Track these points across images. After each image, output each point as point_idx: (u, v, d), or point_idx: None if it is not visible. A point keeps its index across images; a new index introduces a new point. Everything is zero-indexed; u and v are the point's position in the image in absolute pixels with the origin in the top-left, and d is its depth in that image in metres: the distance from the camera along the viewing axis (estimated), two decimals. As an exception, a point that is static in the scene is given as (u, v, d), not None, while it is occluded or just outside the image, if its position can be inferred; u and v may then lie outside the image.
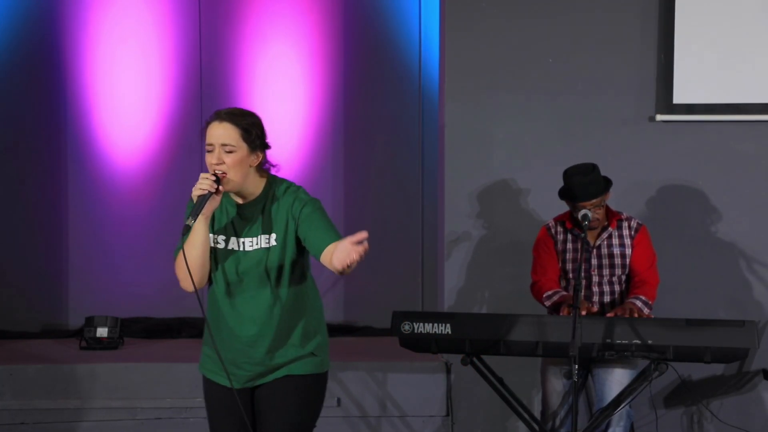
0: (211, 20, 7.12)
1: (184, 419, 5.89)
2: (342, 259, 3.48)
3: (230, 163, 3.74)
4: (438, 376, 5.98)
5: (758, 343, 4.93)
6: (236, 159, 3.75)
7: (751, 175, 6.11)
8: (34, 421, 5.84)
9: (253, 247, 3.82)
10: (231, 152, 3.74)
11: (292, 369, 3.86)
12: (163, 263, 7.13)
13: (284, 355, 3.86)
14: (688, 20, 6.01)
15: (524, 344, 4.98)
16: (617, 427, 5.18)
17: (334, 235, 3.73)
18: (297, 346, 3.86)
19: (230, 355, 3.90)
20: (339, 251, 3.51)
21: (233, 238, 3.84)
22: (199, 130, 7.18)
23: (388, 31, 7.10)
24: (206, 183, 3.70)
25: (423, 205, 7.09)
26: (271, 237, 3.81)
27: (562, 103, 6.09)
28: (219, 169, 3.74)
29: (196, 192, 3.71)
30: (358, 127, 7.15)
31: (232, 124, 3.76)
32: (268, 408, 3.88)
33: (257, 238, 3.82)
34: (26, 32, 7.02)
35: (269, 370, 3.87)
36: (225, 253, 3.84)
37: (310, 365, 3.88)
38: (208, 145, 3.78)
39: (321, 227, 3.75)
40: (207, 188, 3.70)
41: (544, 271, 5.34)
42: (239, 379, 3.91)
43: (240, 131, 3.75)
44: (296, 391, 3.86)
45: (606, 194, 5.25)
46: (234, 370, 3.89)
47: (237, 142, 3.75)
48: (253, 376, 3.90)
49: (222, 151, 3.75)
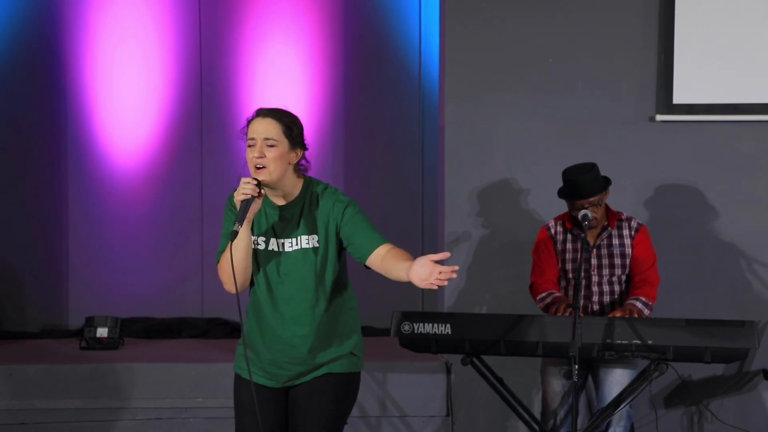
0: (211, 20, 7.12)
1: (184, 419, 5.89)
2: (424, 280, 3.51)
3: (271, 157, 3.79)
4: (438, 376, 5.98)
5: (758, 343, 4.93)
6: (278, 153, 3.80)
7: (751, 175, 6.11)
8: (34, 421, 5.84)
9: (293, 248, 3.87)
10: (273, 146, 3.80)
11: (332, 368, 3.92)
12: (163, 263, 7.16)
13: (325, 355, 3.91)
14: (688, 20, 6.01)
15: (524, 344, 4.99)
16: (617, 427, 5.18)
17: (380, 238, 3.81)
18: (337, 345, 3.92)
19: (271, 356, 3.93)
20: (420, 268, 3.54)
21: (273, 239, 3.88)
22: (199, 130, 7.25)
23: (388, 31, 7.10)
24: (249, 187, 3.75)
25: (423, 205, 7.09)
26: (311, 238, 3.86)
27: (562, 103, 6.09)
28: (260, 163, 3.78)
29: (239, 197, 3.76)
30: (358, 127, 7.16)
31: (275, 120, 3.83)
32: (306, 404, 3.91)
33: (297, 239, 3.87)
34: (26, 32, 7.02)
35: (310, 370, 3.92)
36: (266, 255, 3.89)
37: (348, 364, 3.95)
38: (250, 139, 3.82)
39: (366, 229, 3.83)
40: (250, 192, 3.75)
41: (542, 272, 5.34)
42: (279, 378, 3.95)
43: (282, 126, 3.82)
44: (335, 388, 3.91)
45: (605, 193, 5.25)
46: (275, 370, 3.93)
47: (279, 137, 3.81)
48: (293, 375, 3.94)
49: (264, 145, 3.80)
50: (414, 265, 3.57)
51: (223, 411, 5.87)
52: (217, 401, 5.89)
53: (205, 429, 5.92)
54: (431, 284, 3.52)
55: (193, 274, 7.17)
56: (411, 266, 3.58)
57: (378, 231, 3.84)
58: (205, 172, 7.15)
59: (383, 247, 3.77)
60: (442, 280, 3.50)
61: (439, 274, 3.50)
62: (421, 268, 3.53)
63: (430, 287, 3.53)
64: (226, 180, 7.12)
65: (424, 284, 3.53)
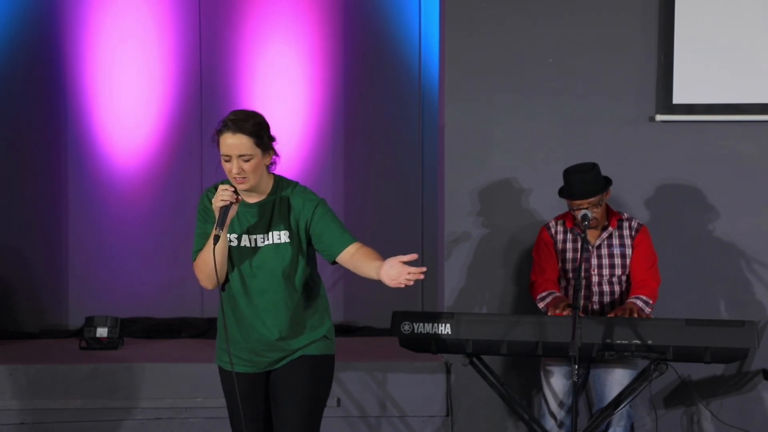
0: (211, 20, 7.12)
1: (184, 419, 5.89)
2: (394, 279, 3.81)
3: (249, 170, 4.02)
4: (438, 376, 5.98)
5: (758, 343, 4.93)
6: (254, 165, 4.02)
7: (751, 175, 6.11)
8: (34, 421, 5.84)
9: (264, 243, 4.09)
10: (248, 160, 4.01)
11: (306, 351, 4.16)
12: (163, 263, 7.16)
13: (300, 341, 4.16)
14: (688, 20, 6.01)
15: (524, 344, 4.99)
16: (617, 427, 5.18)
17: (349, 237, 4.08)
18: (310, 331, 4.17)
19: (250, 345, 4.17)
20: (390, 268, 3.82)
21: (245, 235, 4.12)
22: (199, 130, 7.24)
23: (388, 31, 7.10)
24: (227, 194, 3.99)
25: (423, 205, 7.09)
26: (283, 234, 4.10)
27: (562, 103, 6.09)
28: (239, 177, 4.00)
29: (219, 203, 3.99)
30: (358, 127, 7.15)
31: (245, 135, 4.01)
32: (285, 384, 4.16)
33: (269, 235, 4.09)
34: (26, 32, 7.01)
35: (286, 354, 4.16)
36: (239, 251, 4.12)
37: (322, 347, 4.19)
38: (225, 155, 4.02)
39: (336, 229, 4.08)
40: (229, 199, 3.99)
41: (542, 272, 5.34)
42: (259, 365, 4.20)
43: (253, 139, 4.01)
44: (310, 369, 4.15)
45: (605, 193, 5.25)
46: (254, 358, 4.18)
47: (252, 150, 4.01)
48: (272, 361, 4.18)
49: (240, 161, 4.01)
50: (384, 266, 3.85)
51: (223, 411, 5.84)
52: (217, 401, 5.86)
53: (205, 429, 5.91)
54: (400, 283, 3.80)
55: (193, 275, 7.12)
56: (381, 266, 3.86)
57: (347, 230, 4.11)
58: (205, 172, 7.15)
59: (353, 246, 4.05)
60: (409, 280, 3.78)
61: (407, 275, 3.78)
62: (391, 268, 3.82)
63: (398, 286, 3.81)
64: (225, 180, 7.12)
65: (393, 283, 3.81)
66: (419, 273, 3.77)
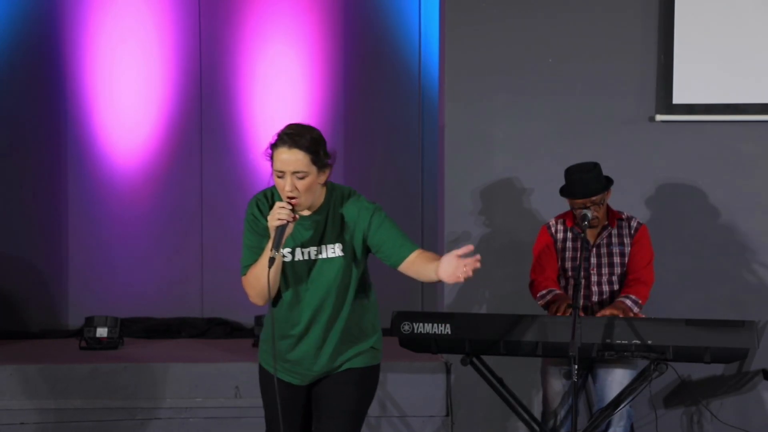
0: (211, 20, 7.12)
1: (184, 419, 5.89)
2: (451, 275, 3.66)
3: (303, 188, 3.81)
4: (438, 376, 5.98)
5: (758, 343, 4.93)
6: (308, 183, 3.81)
7: (751, 175, 6.11)
8: (34, 421, 5.84)
9: (318, 257, 3.93)
10: (303, 178, 3.80)
11: (353, 363, 4.02)
12: (163, 263, 7.16)
13: (348, 354, 4.02)
14: (688, 20, 6.01)
15: (524, 344, 4.98)
16: (617, 427, 5.18)
17: (410, 245, 3.89)
18: (360, 341, 4.03)
19: (296, 358, 4.02)
20: (447, 265, 3.68)
21: (299, 249, 3.93)
22: (199, 130, 7.24)
23: (388, 31, 7.10)
24: (285, 213, 3.77)
25: (423, 205, 7.09)
26: (336, 247, 3.93)
27: (562, 103, 6.09)
28: (293, 196, 3.80)
29: (275, 223, 3.78)
30: (358, 127, 7.15)
31: (302, 150, 3.78)
32: (329, 398, 4.01)
33: (323, 248, 3.93)
34: (26, 32, 7.02)
35: (334, 369, 4.02)
36: (292, 265, 3.94)
37: (369, 358, 4.06)
38: (279, 171, 3.81)
39: (395, 237, 3.90)
40: (285, 218, 3.77)
41: (542, 270, 5.34)
42: (305, 378, 4.05)
43: (309, 156, 3.79)
44: (355, 383, 4.02)
45: (606, 193, 5.25)
46: (301, 371, 4.04)
47: (307, 167, 3.80)
48: (319, 375, 4.04)
49: (294, 178, 3.79)
50: (441, 264, 3.70)
51: (223, 411, 5.88)
52: (216, 401, 5.89)
53: (204, 429, 5.92)
54: (458, 277, 3.65)
55: (193, 274, 7.17)
56: (438, 265, 3.71)
57: (406, 236, 3.92)
58: (205, 172, 7.15)
59: (414, 254, 3.87)
60: (467, 271, 3.63)
61: (464, 267, 3.63)
62: (448, 265, 3.67)
63: (457, 281, 3.65)
64: (226, 180, 7.13)
65: (452, 279, 3.66)
66: (475, 262, 3.63)
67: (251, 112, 7.12)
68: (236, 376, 5.90)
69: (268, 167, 3.89)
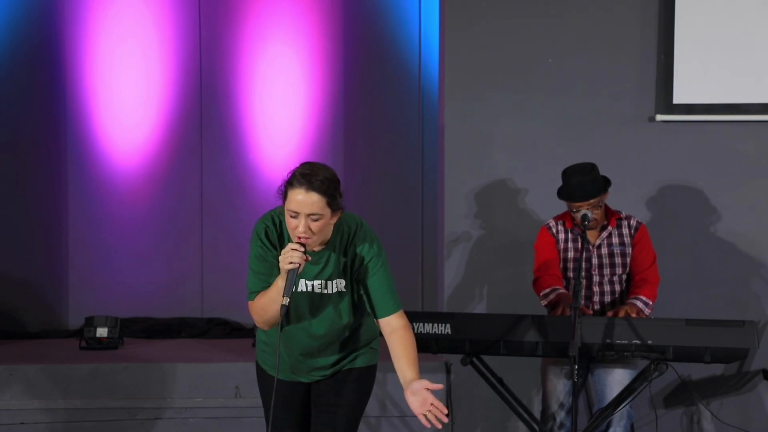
0: (211, 20, 7.12)
1: (184, 419, 5.89)
2: (416, 410, 3.74)
3: (317, 230, 3.77)
4: (438, 376, 5.97)
5: (758, 343, 4.93)
6: (321, 225, 3.77)
7: (751, 175, 6.11)
8: (34, 421, 5.83)
9: (321, 291, 3.93)
10: (317, 220, 3.76)
11: (353, 363, 4.09)
12: (163, 263, 7.16)
13: (349, 357, 4.09)
14: (688, 20, 6.01)
15: (524, 344, 4.99)
16: (617, 427, 5.18)
17: (393, 304, 3.92)
18: (359, 345, 4.09)
19: (297, 365, 4.08)
20: (415, 395, 3.76)
21: (302, 280, 3.91)
22: (199, 130, 7.24)
23: (388, 31, 7.10)
24: (297, 256, 3.73)
25: (423, 205, 7.09)
26: (340, 282, 3.92)
27: (562, 103, 6.09)
28: (304, 237, 3.75)
29: (287, 266, 3.73)
30: (358, 127, 7.15)
31: (319, 194, 3.73)
32: (328, 396, 4.07)
33: (329, 283, 3.92)
34: (26, 32, 7.01)
35: (335, 372, 4.10)
36: (297, 296, 3.92)
37: (367, 358, 4.12)
38: (293, 212, 3.75)
39: (384, 292, 3.91)
40: (298, 261, 3.73)
41: (546, 268, 5.33)
42: (304, 378, 4.13)
43: (326, 199, 3.75)
44: (354, 381, 4.08)
45: (605, 194, 5.25)
46: (302, 377, 4.11)
47: (323, 210, 3.75)
48: (320, 378, 4.11)
49: (309, 219, 3.75)
50: (410, 387, 3.78)
51: (223, 411, 5.88)
52: (216, 401, 5.89)
53: (204, 429, 5.91)
54: (422, 417, 3.73)
55: (193, 274, 7.17)
56: (409, 383, 3.80)
57: (394, 291, 3.92)
58: (205, 172, 7.15)
59: (394, 318, 3.91)
60: (431, 417, 3.71)
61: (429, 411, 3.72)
62: (413, 395, 3.77)
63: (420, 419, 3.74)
64: (225, 180, 7.13)
65: (416, 413, 3.75)
66: (442, 414, 3.69)
67: (251, 112, 7.12)
68: (236, 376, 5.90)
69: (268, 167, 3.90)
